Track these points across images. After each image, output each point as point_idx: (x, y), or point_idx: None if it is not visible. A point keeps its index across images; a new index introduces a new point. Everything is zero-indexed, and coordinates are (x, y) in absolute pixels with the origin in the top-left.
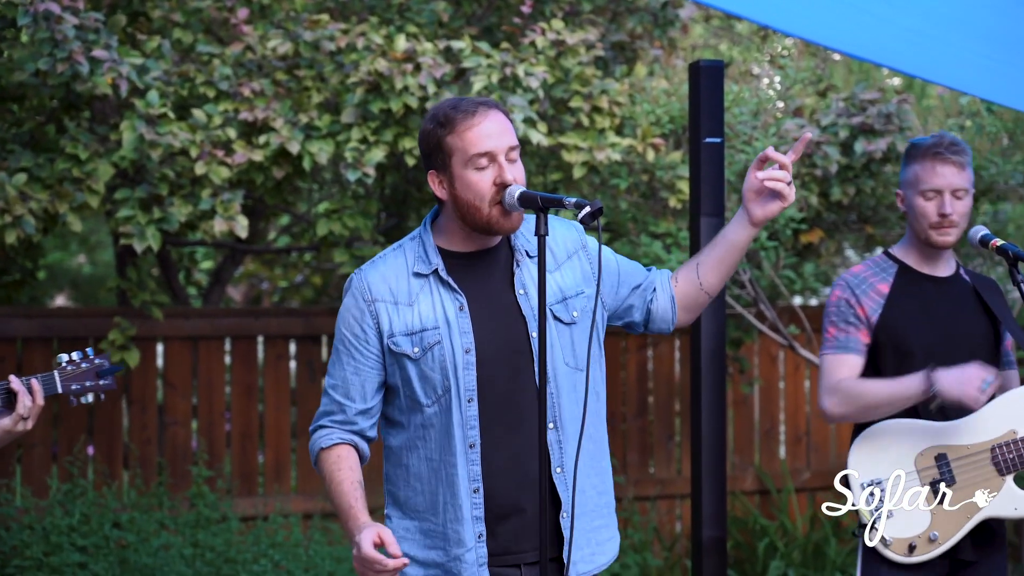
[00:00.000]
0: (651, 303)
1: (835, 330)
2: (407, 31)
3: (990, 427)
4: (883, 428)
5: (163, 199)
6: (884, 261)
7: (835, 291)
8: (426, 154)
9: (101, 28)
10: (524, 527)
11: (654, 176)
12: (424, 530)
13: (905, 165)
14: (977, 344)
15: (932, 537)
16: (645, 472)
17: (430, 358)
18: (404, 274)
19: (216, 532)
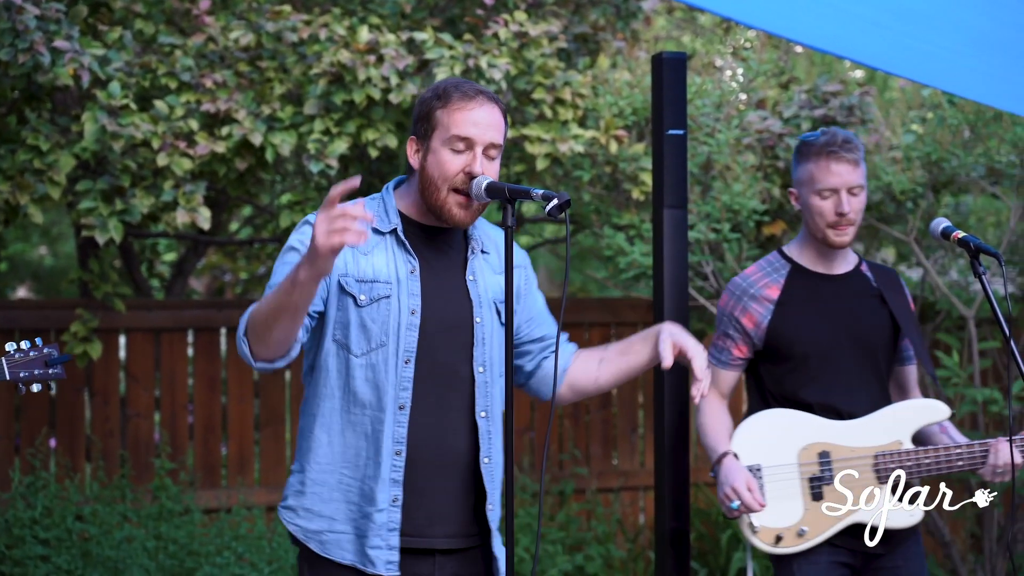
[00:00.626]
0: (545, 360)
1: (715, 337)
2: (370, 22)
3: (879, 434)
4: (773, 416)
5: (125, 191)
6: (777, 260)
7: (724, 295)
8: (415, 120)
9: (62, 18)
10: (439, 510)
11: (617, 168)
12: (333, 483)
13: (798, 163)
14: (872, 342)
15: (801, 532)
16: (608, 464)
17: (375, 310)
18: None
19: (179, 525)
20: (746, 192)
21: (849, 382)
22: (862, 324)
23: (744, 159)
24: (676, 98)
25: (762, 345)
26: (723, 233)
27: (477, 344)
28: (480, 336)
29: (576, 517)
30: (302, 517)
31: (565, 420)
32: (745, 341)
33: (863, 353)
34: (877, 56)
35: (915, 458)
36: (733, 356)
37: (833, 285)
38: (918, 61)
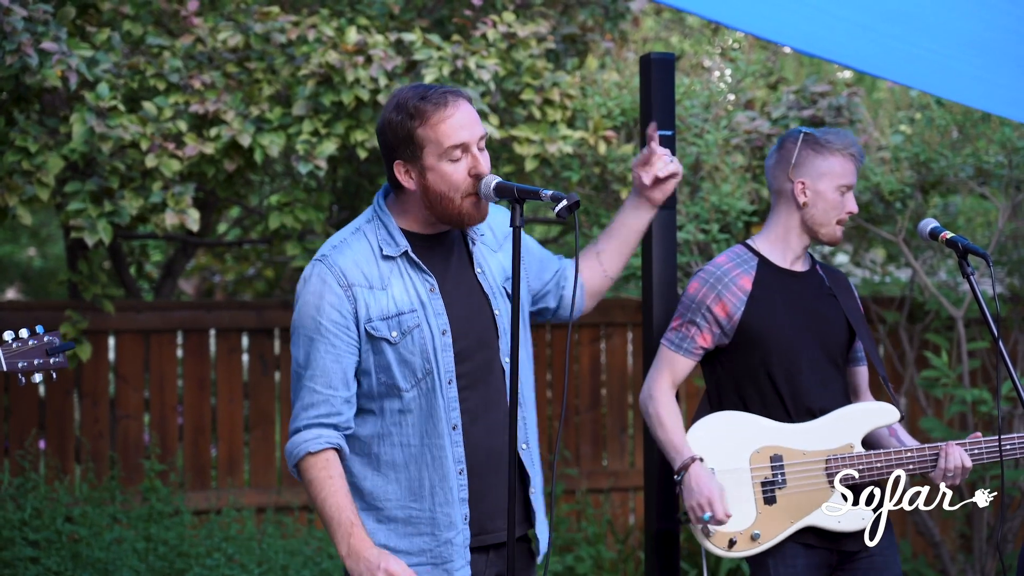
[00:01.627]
0: (563, 289)
1: (678, 324)
2: (358, 23)
3: (830, 438)
4: (725, 418)
5: (114, 192)
6: (745, 253)
7: (694, 282)
8: (392, 145)
9: (50, 20)
10: (495, 506)
11: (606, 168)
12: (404, 519)
13: (817, 155)
14: (832, 340)
15: (754, 535)
16: (598, 465)
17: (409, 342)
18: (372, 257)
19: (169, 526)
20: (735, 193)
21: (817, 378)
22: (824, 322)
23: (733, 160)
24: (664, 99)
25: (731, 336)
26: (712, 234)
27: (501, 336)
28: (502, 327)
29: (566, 517)
30: None
31: (554, 421)
32: (711, 331)
33: (826, 351)
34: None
35: (866, 461)
36: (697, 345)
37: (798, 282)
38: (904, 64)
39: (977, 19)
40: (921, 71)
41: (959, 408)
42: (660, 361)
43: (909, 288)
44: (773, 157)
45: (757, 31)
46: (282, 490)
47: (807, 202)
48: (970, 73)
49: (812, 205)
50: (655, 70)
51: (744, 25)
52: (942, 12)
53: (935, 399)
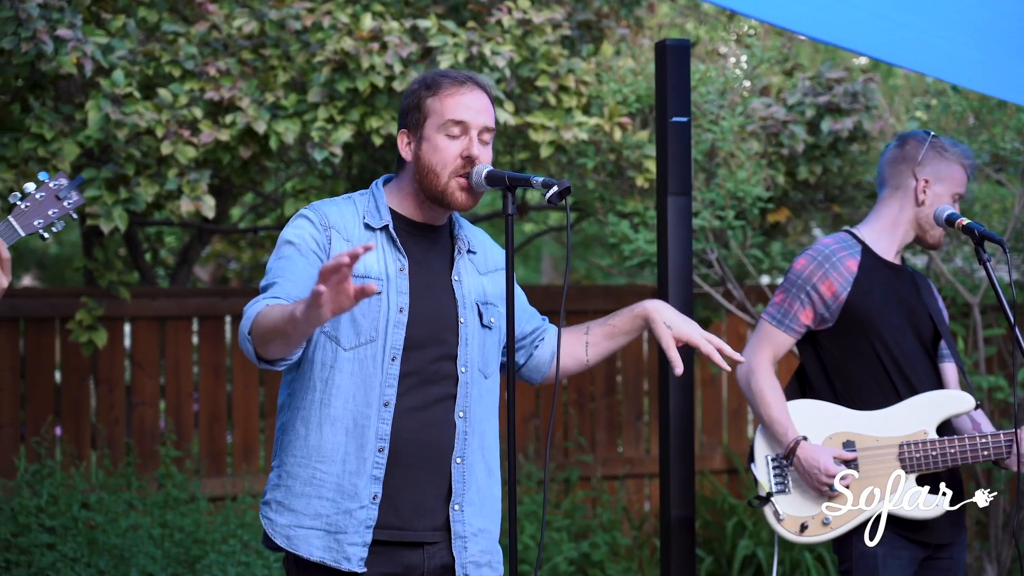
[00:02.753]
0: (535, 350)
1: (782, 299)
2: (373, 10)
3: (904, 424)
4: (795, 407)
5: (129, 179)
6: (849, 239)
7: (802, 259)
8: (403, 112)
9: (65, 7)
10: (425, 505)
11: (621, 155)
12: (306, 478)
13: (942, 161)
14: (923, 334)
15: (825, 521)
16: (613, 451)
17: (365, 305)
18: (355, 221)
19: (185, 512)
20: (750, 179)
21: (920, 363)
22: (916, 317)
23: (748, 146)
24: (680, 85)
25: (835, 317)
26: (727, 220)
27: (461, 344)
28: (464, 336)
29: (581, 504)
30: (274, 511)
31: (570, 408)
32: (814, 309)
33: (920, 343)
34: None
35: (940, 448)
36: (799, 322)
37: (896, 275)
38: (919, 51)
39: (989, 6)
40: (935, 59)
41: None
42: (761, 336)
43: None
44: (893, 153)
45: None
46: None
47: (925, 201)
48: (983, 61)
49: (929, 205)
50: (670, 56)
51: (759, 13)
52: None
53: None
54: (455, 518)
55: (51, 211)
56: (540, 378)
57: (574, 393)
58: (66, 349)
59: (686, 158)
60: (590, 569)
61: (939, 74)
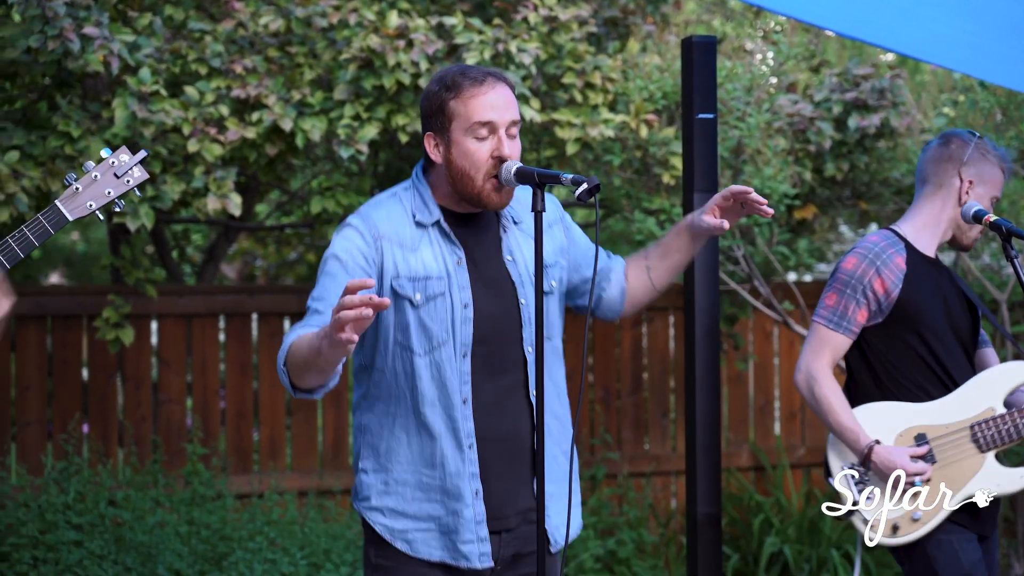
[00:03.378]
0: (603, 291)
1: (835, 300)
2: (399, 7)
3: (969, 406)
4: (861, 410)
5: (156, 177)
6: (892, 237)
7: (851, 258)
8: (426, 115)
9: (92, 5)
10: (510, 492)
11: (647, 152)
12: (415, 483)
13: (985, 163)
14: (968, 326)
15: (915, 517)
16: (640, 449)
17: (432, 308)
18: (406, 220)
19: (211, 510)
20: (777, 176)
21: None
22: (959, 309)
23: (775, 143)
24: (706, 82)
25: (887, 313)
26: (754, 217)
27: (525, 325)
28: (526, 316)
29: (608, 502)
30: (388, 517)
31: (596, 405)
32: (869, 308)
33: (958, 338)
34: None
35: (1011, 420)
36: (856, 322)
37: (937, 271)
38: (946, 47)
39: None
40: (962, 54)
41: None
42: (818, 340)
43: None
44: (937, 151)
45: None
46: (324, 474)
47: (967, 202)
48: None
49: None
50: (697, 53)
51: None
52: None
53: None
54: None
55: (108, 190)
56: (614, 316)
57: (600, 390)
58: (93, 347)
59: (712, 155)
60: (616, 566)
61: (966, 70)
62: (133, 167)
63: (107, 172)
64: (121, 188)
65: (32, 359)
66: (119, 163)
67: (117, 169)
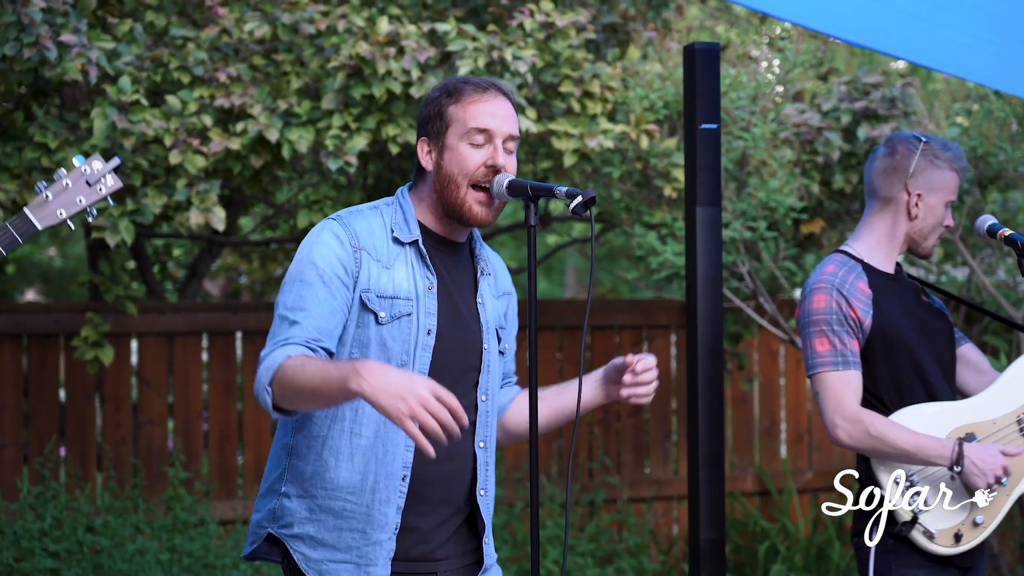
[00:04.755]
0: None
1: (827, 342)
2: (390, 13)
3: (1012, 398)
4: (903, 416)
5: (136, 190)
6: (848, 260)
7: (817, 296)
8: (423, 120)
9: (70, 11)
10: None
11: (648, 164)
12: (337, 510)
13: (935, 168)
14: (944, 333)
15: (977, 521)
16: (640, 473)
17: (396, 328)
18: (383, 235)
19: (194, 536)
20: (783, 188)
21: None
22: (931, 320)
23: (781, 154)
24: (709, 91)
25: (863, 343)
26: (759, 231)
27: (483, 371)
28: (486, 363)
29: (607, 528)
30: (307, 545)
31: (595, 427)
32: (857, 336)
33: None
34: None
35: None
36: (855, 353)
37: (900, 286)
38: (959, 55)
39: None
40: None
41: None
42: (835, 388)
43: (966, 288)
44: (883, 161)
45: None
46: None
47: (918, 215)
48: None
49: (922, 219)
50: (700, 61)
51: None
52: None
53: None
54: (488, 552)
55: (80, 198)
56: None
57: (599, 411)
58: (71, 366)
59: (716, 167)
60: None
61: (981, 79)
62: (106, 175)
63: (79, 180)
64: (93, 197)
65: (7, 379)
66: (91, 171)
67: (89, 177)
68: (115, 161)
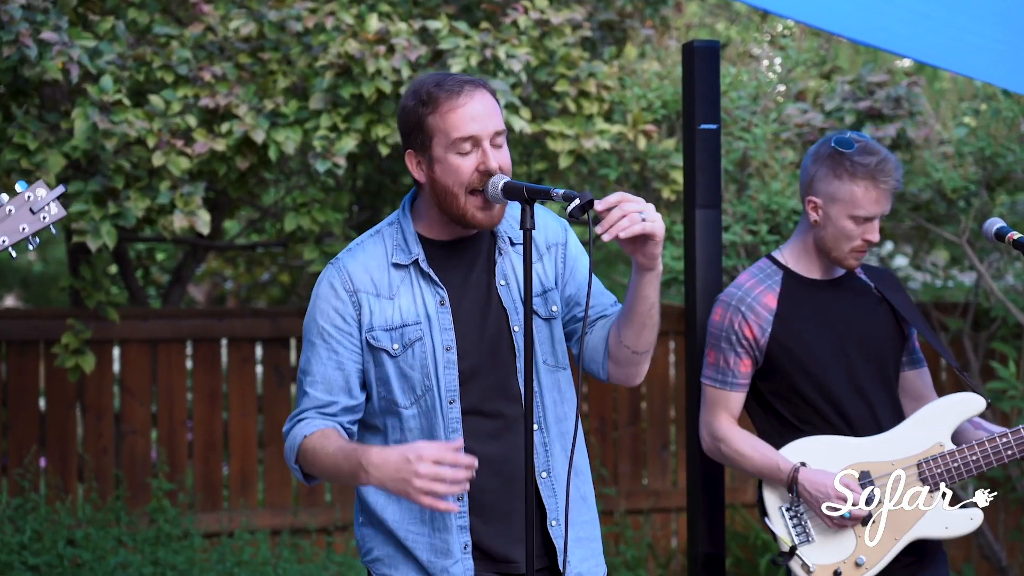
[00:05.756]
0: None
1: (713, 358)
2: (380, 10)
3: (917, 441)
4: (803, 446)
5: (119, 192)
6: (769, 267)
7: (717, 309)
8: (405, 133)
9: (50, 8)
10: (514, 535)
11: (646, 165)
12: (403, 537)
13: (834, 177)
14: (882, 345)
15: (859, 562)
16: (638, 484)
17: (410, 355)
18: (384, 264)
19: (178, 549)
20: (785, 191)
21: (858, 392)
22: (865, 327)
23: (783, 155)
24: (709, 90)
25: (762, 359)
26: (760, 235)
27: (519, 356)
28: (518, 346)
29: (604, 540)
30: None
31: (591, 437)
32: (749, 355)
33: (870, 360)
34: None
35: (960, 458)
36: (741, 374)
37: (830, 291)
38: (967, 53)
39: None
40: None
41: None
42: (709, 402)
43: (974, 293)
44: (805, 159)
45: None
46: (298, 511)
47: (818, 222)
48: None
49: (822, 227)
50: (699, 59)
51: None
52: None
53: (1002, 412)
54: (556, 535)
55: (22, 226)
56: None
57: (596, 420)
58: (51, 374)
59: (715, 168)
60: None
61: (989, 78)
62: (50, 203)
63: (22, 207)
64: (36, 225)
65: None
66: (36, 198)
67: (33, 204)
68: (60, 189)
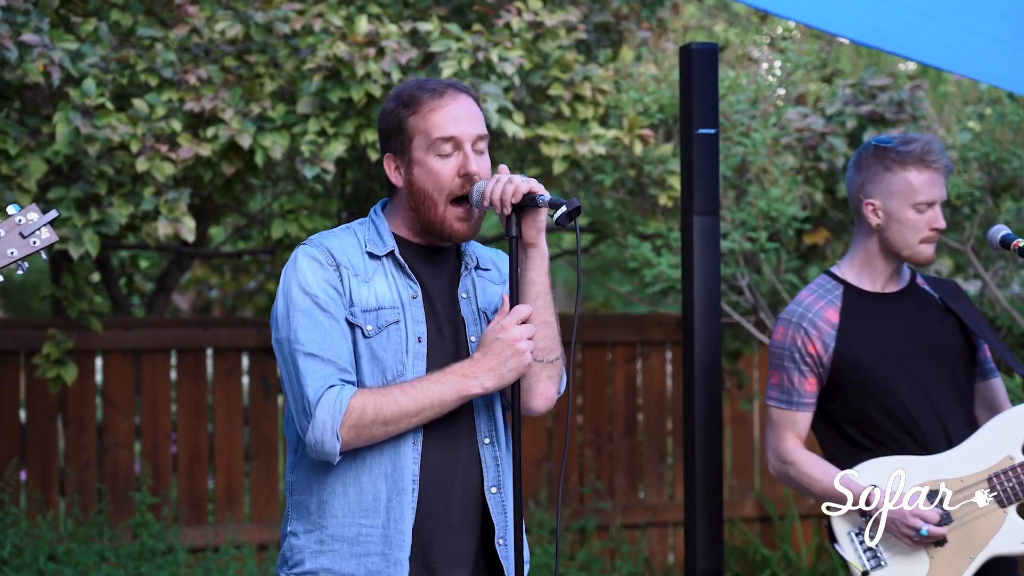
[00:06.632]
0: None
1: (778, 376)
2: (369, 12)
3: (986, 455)
4: (870, 467)
5: (101, 199)
6: (828, 282)
7: (778, 327)
8: (384, 135)
9: (31, 9)
10: (456, 550)
11: (642, 171)
12: (352, 537)
13: (886, 171)
14: (950, 356)
15: None
16: (634, 497)
17: (385, 337)
18: (358, 251)
19: (162, 565)
20: (785, 197)
21: (927, 405)
22: (932, 338)
23: (783, 160)
24: (707, 94)
25: (827, 377)
26: (760, 242)
27: None
28: None
29: (599, 556)
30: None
31: (586, 449)
32: (814, 372)
33: (940, 370)
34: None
35: None
36: (806, 393)
37: (893, 303)
38: (971, 55)
39: None
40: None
41: None
42: (776, 424)
43: (979, 301)
44: (848, 175)
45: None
46: None
47: (880, 224)
48: None
49: (886, 227)
50: (696, 62)
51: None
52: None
53: None
54: (503, 555)
55: (11, 250)
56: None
57: (591, 433)
58: (32, 385)
59: (713, 174)
60: None
61: (994, 80)
62: (41, 228)
63: (12, 231)
64: (26, 250)
65: None
66: (27, 222)
67: (24, 228)
68: (52, 214)
